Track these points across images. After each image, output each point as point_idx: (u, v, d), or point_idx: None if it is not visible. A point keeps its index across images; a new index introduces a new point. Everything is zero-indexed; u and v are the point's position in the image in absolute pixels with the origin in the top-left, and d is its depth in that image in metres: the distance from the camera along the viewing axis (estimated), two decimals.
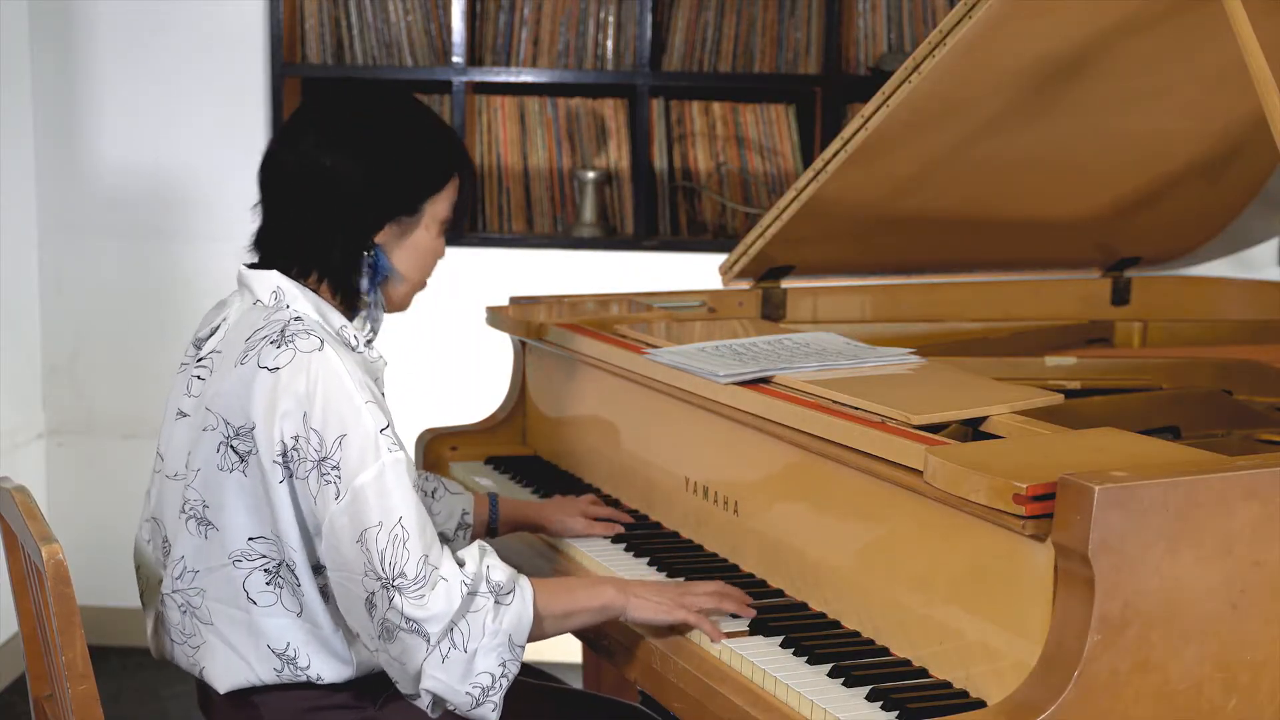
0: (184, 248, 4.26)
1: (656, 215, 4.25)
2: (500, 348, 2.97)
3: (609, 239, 4.21)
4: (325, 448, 1.85)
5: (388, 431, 1.88)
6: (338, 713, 1.97)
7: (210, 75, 4.21)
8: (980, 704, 1.71)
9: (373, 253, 2.00)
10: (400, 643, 1.84)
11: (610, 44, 4.25)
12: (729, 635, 1.95)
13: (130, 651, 4.30)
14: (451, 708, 1.89)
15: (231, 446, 1.91)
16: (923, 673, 1.82)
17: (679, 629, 2.00)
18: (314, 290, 1.99)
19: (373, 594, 1.84)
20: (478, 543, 1.94)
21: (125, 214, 4.26)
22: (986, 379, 2.26)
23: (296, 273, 1.99)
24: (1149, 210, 3.12)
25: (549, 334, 2.69)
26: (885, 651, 1.88)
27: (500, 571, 1.90)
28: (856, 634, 1.95)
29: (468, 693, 1.86)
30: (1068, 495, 1.57)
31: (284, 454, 1.86)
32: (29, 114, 4.21)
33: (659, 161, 4.23)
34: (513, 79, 4.19)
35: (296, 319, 1.93)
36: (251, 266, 2.03)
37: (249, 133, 4.22)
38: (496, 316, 2.87)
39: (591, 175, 4.18)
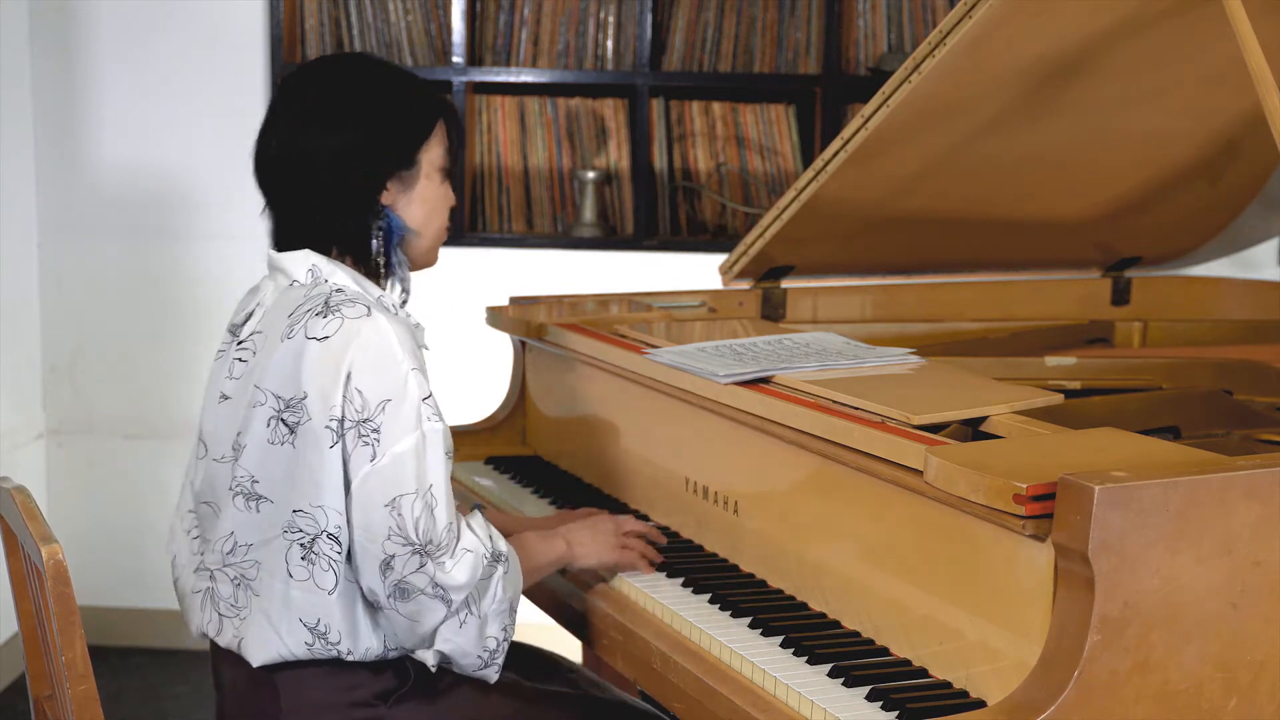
0: (184, 247, 4.26)
1: (656, 215, 4.25)
2: (500, 348, 2.98)
3: (609, 239, 4.21)
4: (368, 410, 1.89)
5: (429, 401, 1.92)
6: (353, 709, 1.99)
7: (210, 75, 4.21)
8: (980, 704, 1.71)
9: (383, 215, 2.03)
10: (417, 604, 1.91)
11: (610, 44, 4.25)
12: (731, 635, 1.96)
13: (130, 651, 4.30)
14: (458, 669, 2.00)
15: (282, 420, 1.93)
16: (923, 673, 1.82)
17: (620, 568, 2.20)
18: (345, 264, 2.03)
19: (393, 557, 1.89)
20: (478, 512, 2.02)
21: (125, 214, 4.26)
22: (986, 379, 2.26)
23: (324, 249, 2.03)
24: (1149, 210, 3.12)
25: (549, 334, 2.69)
26: (885, 651, 1.89)
27: (502, 542, 2.01)
28: (856, 634, 1.95)
29: (479, 656, 1.98)
30: (1068, 495, 1.57)
31: (336, 419, 1.89)
32: (29, 114, 4.21)
33: (659, 161, 4.23)
34: (513, 79, 4.19)
35: (338, 290, 1.97)
36: (278, 251, 2.06)
37: (249, 133, 4.16)
38: (496, 316, 2.87)
39: (591, 175, 4.18)
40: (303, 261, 2.01)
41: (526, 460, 2.84)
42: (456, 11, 4.16)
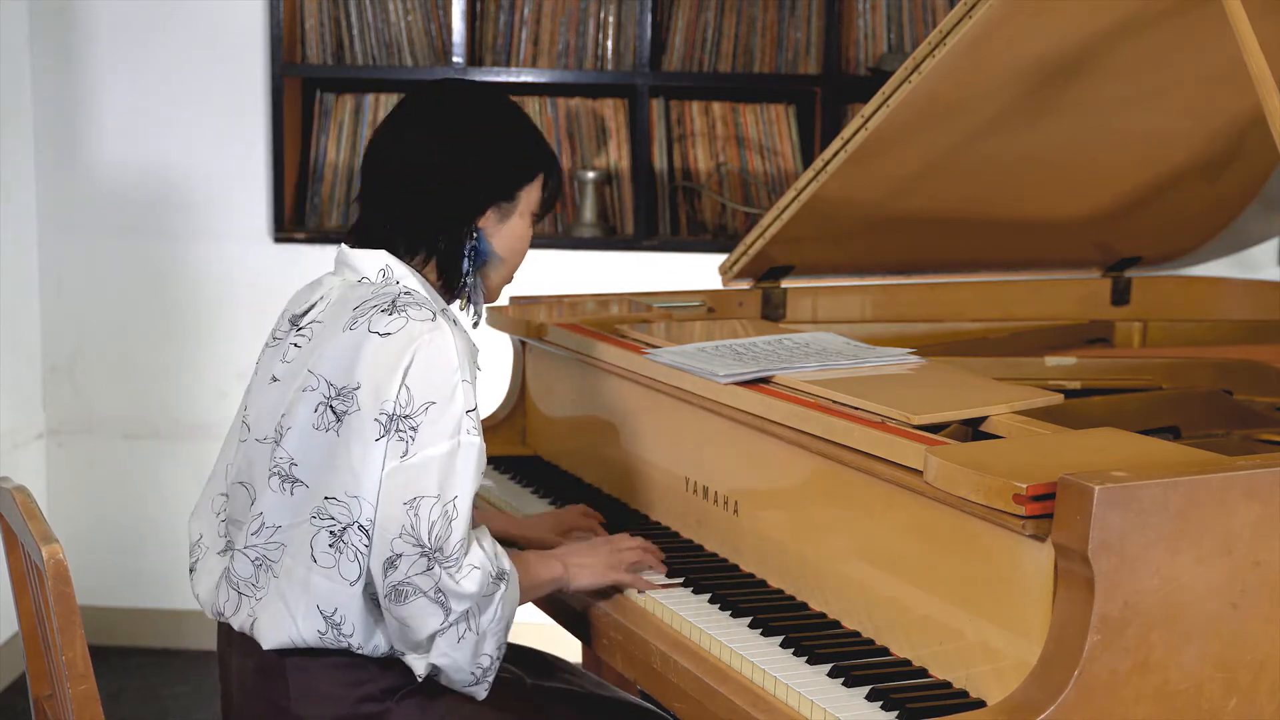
0: (184, 247, 4.26)
1: (656, 215, 4.25)
2: (500, 348, 2.98)
3: (609, 239, 4.21)
4: (412, 407, 1.91)
5: (472, 414, 1.95)
6: (360, 703, 1.99)
7: (210, 75, 4.21)
8: (980, 704, 1.71)
9: (475, 236, 2.09)
10: (413, 607, 1.90)
11: (610, 44, 4.25)
12: (731, 635, 1.96)
13: (130, 651, 4.30)
14: (448, 682, 1.98)
15: (330, 407, 1.95)
16: (923, 673, 1.82)
17: (618, 589, 2.16)
18: (419, 272, 2.07)
19: (399, 556, 1.89)
20: (485, 527, 2.01)
21: (125, 214, 4.26)
22: (986, 379, 2.26)
23: (403, 254, 2.07)
24: (1149, 210, 3.12)
25: (549, 334, 2.70)
26: (885, 651, 1.89)
27: (506, 560, 1.99)
28: (856, 634, 1.95)
29: (472, 672, 1.96)
30: (1068, 495, 1.57)
31: (387, 414, 1.91)
32: (29, 114, 4.21)
33: (659, 161, 4.23)
34: (513, 79, 4.19)
35: (407, 293, 2.00)
36: (354, 248, 2.09)
37: (249, 132, 4.22)
38: (496, 316, 2.87)
39: (591, 175, 4.18)
40: (376, 261, 2.05)
41: (526, 460, 2.84)
42: (456, 11, 4.16)
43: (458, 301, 2.14)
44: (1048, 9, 2.34)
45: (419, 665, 1.97)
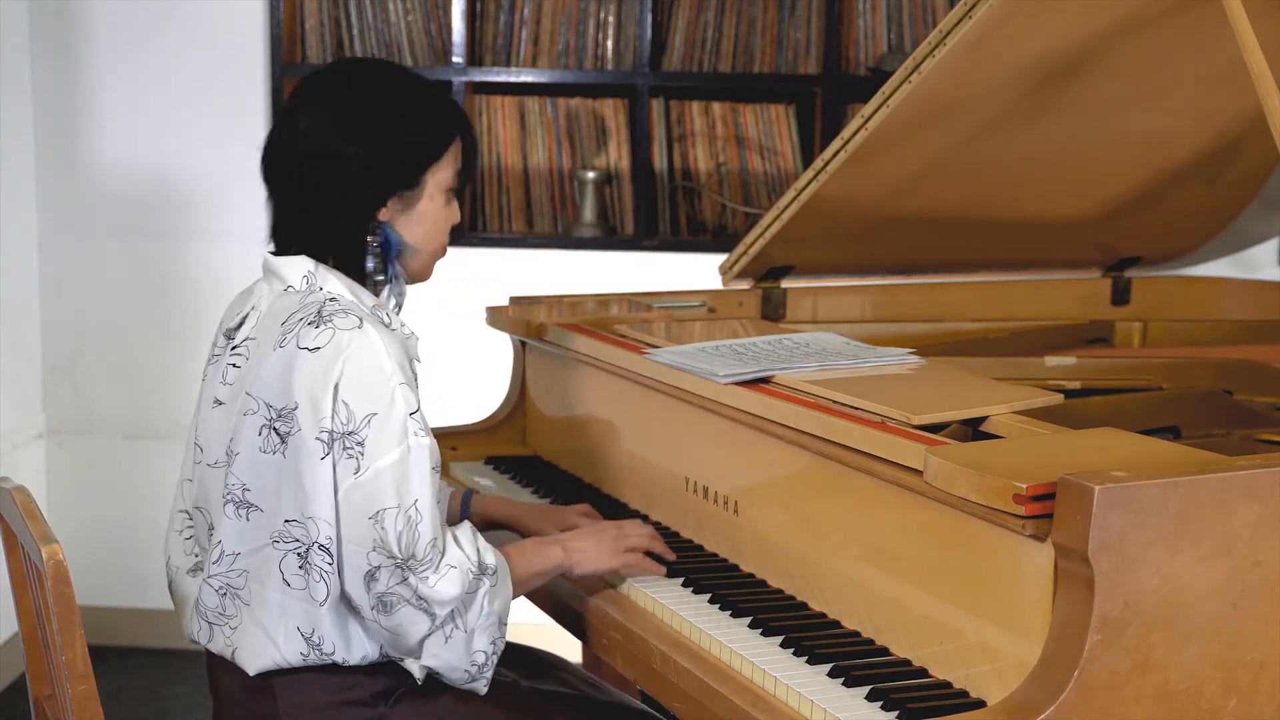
0: (184, 247, 4.26)
1: (656, 215, 4.25)
2: (500, 348, 2.98)
3: (609, 239, 4.21)
4: (354, 423, 1.88)
5: (416, 415, 1.91)
6: (351, 709, 1.99)
7: (210, 75, 4.21)
8: (980, 704, 1.71)
9: (379, 231, 2.01)
10: (400, 617, 1.90)
11: (610, 44, 4.25)
12: (731, 635, 1.95)
13: (130, 651, 4.30)
14: (447, 681, 1.98)
15: (274, 429, 1.92)
16: (923, 673, 1.82)
17: (621, 574, 2.16)
18: (340, 272, 2.01)
19: (377, 568, 1.89)
20: (466, 524, 2.00)
21: (125, 214, 4.26)
22: (986, 379, 2.26)
23: (322, 256, 2.01)
24: (1149, 210, 3.12)
25: (549, 334, 2.69)
26: (885, 651, 1.89)
27: (490, 554, 1.98)
28: (856, 634, 1.95)
29: (466, 670, 1.96)
30: (1068, 495, 1.57)
31: (327, 430, 1.88)
32: (29, 114, 4.21)
33: (659, 161, 4.23)
34: (513, 79, 4.19)
35: (332, 300, 1.96)
36: (275, 254, 2.04)
37: (249, 133, 4.21)
38: (496, 316, 2.87)
39: (591, 175, 4.18)
40: (299, 267, 2.00)
41: (526, 460, 2.84)
42: (456, 11, 4.16)
43: (385, 294, 2.07)
44: (1048, 9, 2.34)
45: (416, 669, 1.97)
